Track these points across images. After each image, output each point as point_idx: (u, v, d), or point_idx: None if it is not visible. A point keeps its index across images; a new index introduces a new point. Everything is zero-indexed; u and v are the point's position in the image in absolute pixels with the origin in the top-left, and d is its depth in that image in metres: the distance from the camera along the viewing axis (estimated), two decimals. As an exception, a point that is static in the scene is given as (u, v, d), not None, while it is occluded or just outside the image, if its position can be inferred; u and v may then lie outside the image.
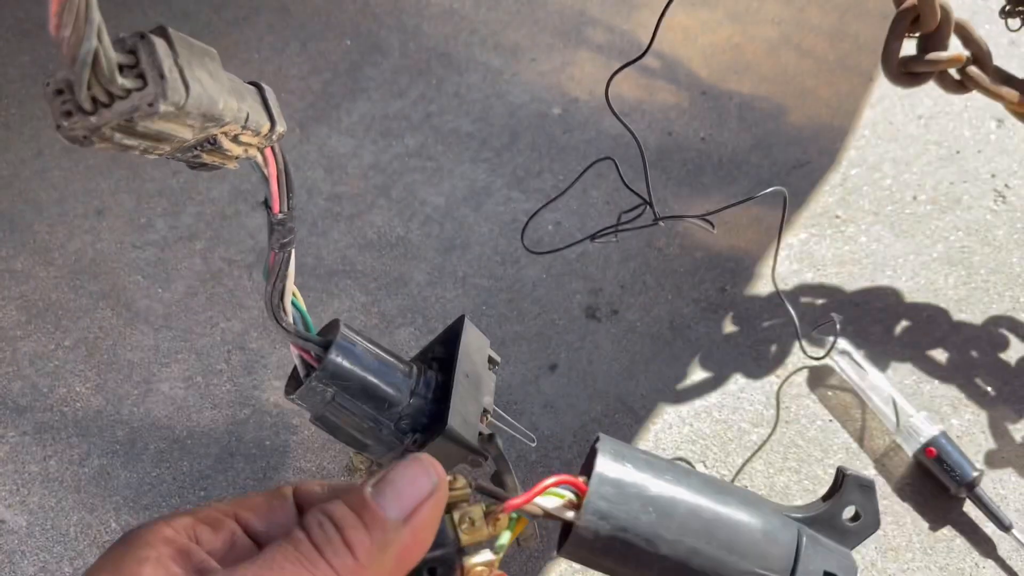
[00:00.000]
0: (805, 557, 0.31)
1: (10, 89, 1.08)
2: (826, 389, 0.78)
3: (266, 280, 0.45)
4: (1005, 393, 0.77)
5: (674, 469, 0.31)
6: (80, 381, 0.83)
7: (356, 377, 0.50)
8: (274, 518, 0.29)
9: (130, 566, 0.26)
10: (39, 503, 0.75)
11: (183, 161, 0.32)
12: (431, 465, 0.27)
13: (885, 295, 0.84)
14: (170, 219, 0.95)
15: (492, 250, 0.90)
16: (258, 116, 0.33)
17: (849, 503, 0.33)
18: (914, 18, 0.71)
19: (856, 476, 0.33)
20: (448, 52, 1.10)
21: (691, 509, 0.29)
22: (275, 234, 0.43)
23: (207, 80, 0.29)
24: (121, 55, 0.26)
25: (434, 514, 0.27)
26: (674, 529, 0.29)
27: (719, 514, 0.30)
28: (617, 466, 0.30)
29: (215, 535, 0.28)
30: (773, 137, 0.98)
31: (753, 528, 0.30)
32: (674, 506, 0.29)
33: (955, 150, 0.95)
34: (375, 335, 0.85)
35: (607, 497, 0.29)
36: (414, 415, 0.52)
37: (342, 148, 1.00)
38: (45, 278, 0.90)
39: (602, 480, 0.29)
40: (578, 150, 0.99)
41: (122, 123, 0.26)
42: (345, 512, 0.25)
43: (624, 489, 0.29)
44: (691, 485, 0.30)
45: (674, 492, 0.30)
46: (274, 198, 0.41)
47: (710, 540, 0.29)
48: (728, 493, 0.31)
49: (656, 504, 0.29)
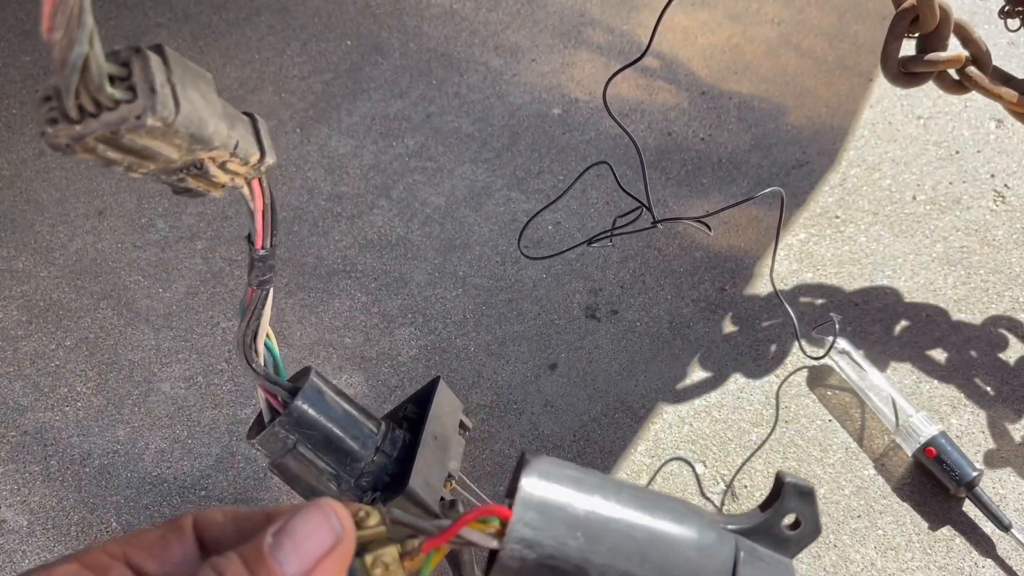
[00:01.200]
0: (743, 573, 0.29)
1: (11, 89, 1.08)
2: (825, 389, 0.79)
3: (240, 318, 0.44)
4: (1004, 393, 0.77)
5: (604, 486, 0.29)
6: (81, 381, 0.83)
7: (321, 427, 0.48)
8: (169, 556, 0.27)
9: None
10: (40, 502, 0.75)
11: (167, 184, 0.31)
12: (335, 513, 0.25)
13: (884, 295, 0.84)
14: (171, 219, 0.95)
15: (492, 250, 0.91)
16: (248, 145, 0.33)
17: (789, 511, 0.32)
18: (913, 18, 0.71)
19: (795, 483, 0.31)
20: (448, 53, 1.10)
21: (622, 530, 0.28)
22: (255, 270, 0.42)
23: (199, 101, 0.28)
24: (114, 66, 0.25)
25: (337, 569, 0.25)
26: (604, 553, 0.28)
27: (652, 532, 0.28)
28: (542, 488, 0.28)
29: None
30: (772, 137, 0.98)
31: (688, 545, 0.29)
32: (604, 528, 0.28)
33: (954, 150, 0.95)
34: (375, 335, 0.85)
35: (531, 524, 0.27)
36: (376, 472, 0.50)
37: (343, 148, 1.01)
38: (46, 278, 0.91)
39: (525, 505, 0.27)
40: (578, 150, 0.99)
41: (107, 135, 0.25)
42: (238, 571, 0.23)
43: (549, 513, 0.28)
44: (622, 502, 0.29)
45: (604, 512, 0.28)
46: (258, 233, 0.40)
47: (643, 562, 0.28)
48: (662, 509, 0.29)
49: (584, 527, 0.28)
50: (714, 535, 0.29)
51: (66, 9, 0.22)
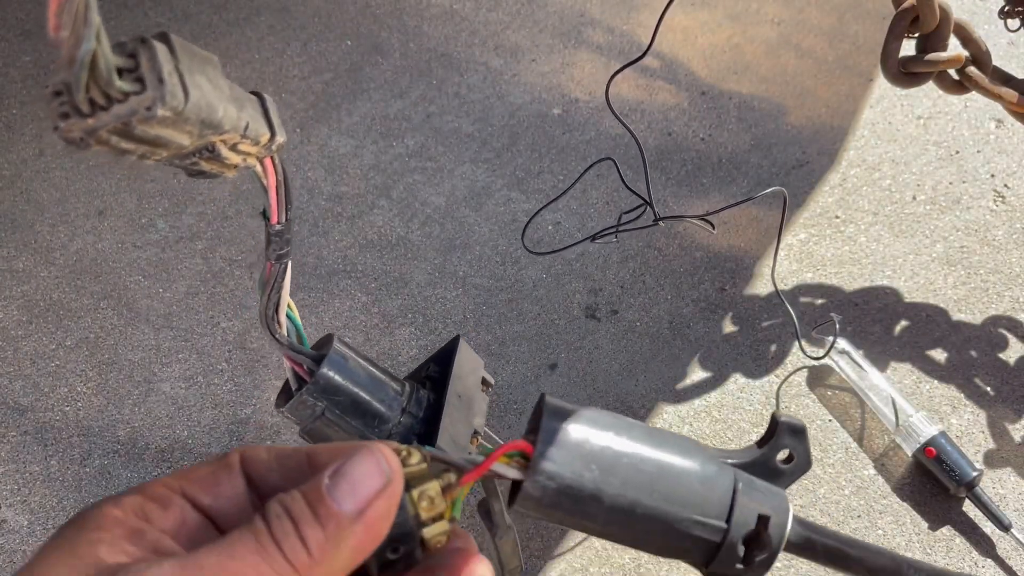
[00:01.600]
0: (741, 502, 0.32)
1: (12, 89, 1.08)
2: (825, 389, 0.79)
3: (261, 292, 0.45)
4: (1004, 393, 0.77)
5: (617, 425, 0.33)
6: (81, 381, 0.83)
7: (347, 392, 0.50)
8: (222, 492, 0.29)
9: (83, 548, 0.25)
10: (40, 503, 0.76)
11: (181, 168, 0.32)
12: (384, 456, 0.27)
13: (884, 295, 0.84)
14: (171, 219, 0.95)
15: (492, 250, 0.91)
16: (258, 125, 0.33)
17: (783, 447, 0.35)
18: (913, 18, 0.71)
19: (789, 421, 0.35)
20: (448, 53, 1.10)
21: (633, 464, 0.31)
22: (272, 245, 0.42)
23: (207, 87, 0.29)
24: (121, 58, 0.26)
25: (388, 507, 0.27)
26: (616, 484, 0.31)
27: (660, 466, 0.32)
28: (562, 427, 0.31)
29: (165, 513, 0.28)
30: (772, 137, 0.98)
31: (692, 477, 0.32)
32: (617, 461, 0.31)
33: (954, 150, 0.95)
34: (375, 335, 0.85)
35: (552, 458, 0.31)
36: (404, 433, 0.52)
37: (343, 148, 1.01)
38: (46, 278, 0.91)
39: (547, 442, 0.31)
40: (578, 150, 0.99)
41: (119, 127, 0.26)
42: (302, 507, 0.26)
43: (568, 449, 0.31)
44: (634, 439, 0.32)
45: (617, 448, 0.32)
46: (273, 209, 0.41)
47: (651, 492, 0.31)
48: (669, 444, 0.33)
49: (599, 461, 0.31)
50: (715, 468, 0.33)
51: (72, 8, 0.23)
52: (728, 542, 0.32)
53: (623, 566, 0.70)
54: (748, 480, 0.33)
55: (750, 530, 0.32)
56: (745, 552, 0.32)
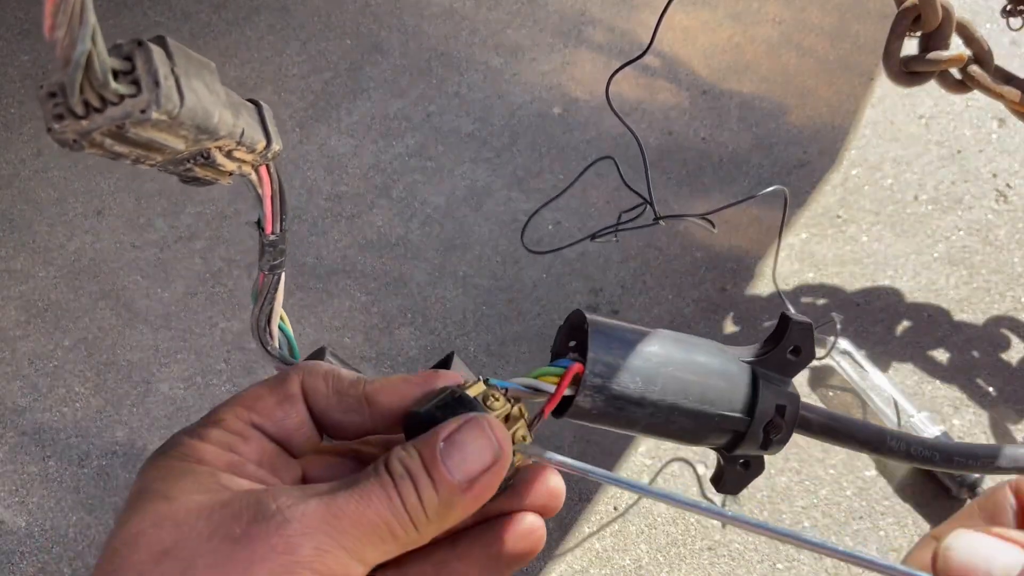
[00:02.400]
0: (762, 395, 0.37)
1: (10, 89, 1.08)
2: (827, 389, 0.78)
3: (254, 302, 0.44)
4: (1006, 393, 0.76)
5: (652, 338, 0.37)
6: (79, 381, 0.83)
7: None
8: (289, 422, 0.31)
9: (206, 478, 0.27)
10: (38, 503, 0.75)
11: (175, 174, 0.32)
12: (496, 435, 0.29)
13: (886, 295, 0.84)
14: (170, 219, 0.95)
15: (492, 250, 0.90)
16: (254, 132, 0.33)
17: (793, 342, 0.40)
18: (915, 17, 0.70)
19: (798, 320, 0.40)
20: (448, 52, 1.10)
21: (670, 372, 0.36)
22: (266, 255, 0.42)
23: (203, 92, 0.28)
24: (117, 60, 0.25)
25: (495, 481, 0.29)
26: (657, 391, 0.36)
27: (693, 371, 0.37)
28: (606, 346, 0.36)
29: (247, 446, 0.29)
30: (774, 137, 0.98)
31: (720, 378, 0.37)
32: (656, 372, 0.36)
33: (956, 150, 0.94)
34: (375, 335, 0.84)
35: (600, 374, 0.35)
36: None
37: (342, 148, 1.00)
38: (44, 278, 0.90)
39: (595, 362, 0.35)
40: (578, 150, 0.98)
41: (113, 129, 0.26)
42: (419, 469, 0.28)
43: (614, 366, 0.36)
44: (666, 349, 0.37)
45: (655, 360, 0.36)
46: (267, 219, 0.40)
47: (687, 395, 0.36)
48: (697, 350, 0.38)
49: (641, 373, 0.36)
50: (736, 367, 0.38)
51: (67, 8, 0.22)
52: (752, 430, 0.37)
53: (624, 567, 0.70)
54: (763, 373, 0.39)
55: (770, 418, 0.37)
56: (764, 436, 0.37)
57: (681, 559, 0.70)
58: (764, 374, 0.39)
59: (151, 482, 0.27)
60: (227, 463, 0.28)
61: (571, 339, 0.39)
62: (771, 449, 0.39)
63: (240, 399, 0.31)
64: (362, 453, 0.33)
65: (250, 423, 0.30)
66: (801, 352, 0.40)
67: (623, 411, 0.36)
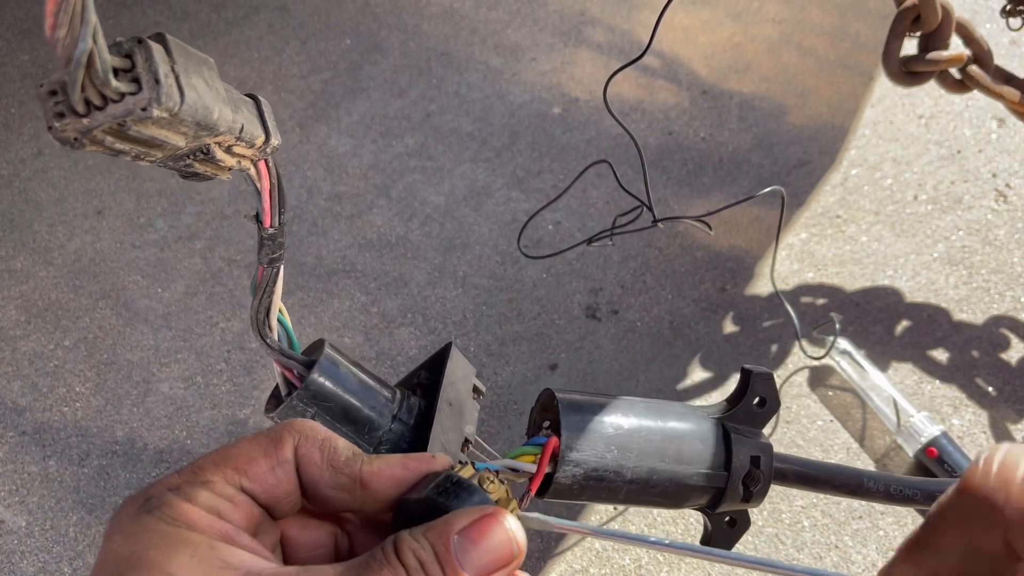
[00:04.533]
0: (735, 449, 0.38)
1: (10, 88, 1.08)
2: (827, 389, 0.78)
3: (253, 295, 0.44)
4: (1006, 393, 0.76)
5: (621, 406, 0.37)
6: (80, 381, 0.83)
7: (338, 399, 0.50)
8: (279, 489, 0.30)
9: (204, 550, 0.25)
10: (38, 503, 0.75)
11: (175, 170, 0.32)
12: (515, 535, 0.28)
13: (886, 295, 0.84)
14: (170, 219, 0.95)
15: (492, 250, 0.90)
16: (253, 128, 0.33)
17: (757, 393, 0.40)
18: (915, 17, 0.71)
19: (759, 372, 0.40)
20: (448, 52, 1.10)
21: (644, 437, 0.37)
22: (264, 248, 0.42)
23: (203, 88, 0.28)
24: (117, 59, 0.25)
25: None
26: (633, 458, 0.36)
27: (665, 434, 0.37)
28: (579, 420, 0.36)
29: (237, 513, 0.28)
30: (774, 137, 0.98)
31: (692, 437, 0.38)
32: (630, 439, 0.37)
33: (956, 150, 0.94)
34: (375, 335, 0.85)
35: (576, 448, 0.36)
36: (394, 440, 0.52)
37: (342, 148, 1.00)
38: (45, 278, 0.90)
39: (570, 436, 0.36)
40: (578, 150, 0.98)
41: (114, 127, 0.25)
42: (432, 560, 0.27)
43: (589, 438, 0.36)
44: (638, 416, 0.37)
45: (628, 427, 0.37)
46: (266, 213, 0.40)
47: (663, 458, 0.37)
48: (667, 413, 0.38)
49: (616, 442, 0.36)
50: (708, 424, 0.39)
51: (68, 7, 0.22)
52: (731, 484, 0.38)
53: (624, 567, 0.70)
54: (734, 428, 0.39)
55: (746, 470, 0.38)
56: (744, 489, 0.38)
57: (681, 559, 0.70)
58: (734, 428, 0.40)
59: (144, 550, 0.26)
60: (221, 532, 0.27)
61: (544, 419, 0.39)
62: (753, 501, 0.39)
63: (231, 458, 0.29)
64: (343, 521, 0.32)
65: (240, 487, 0.29)
66: (767, 403, 0.41)
67: (603, 481, 0.37)
